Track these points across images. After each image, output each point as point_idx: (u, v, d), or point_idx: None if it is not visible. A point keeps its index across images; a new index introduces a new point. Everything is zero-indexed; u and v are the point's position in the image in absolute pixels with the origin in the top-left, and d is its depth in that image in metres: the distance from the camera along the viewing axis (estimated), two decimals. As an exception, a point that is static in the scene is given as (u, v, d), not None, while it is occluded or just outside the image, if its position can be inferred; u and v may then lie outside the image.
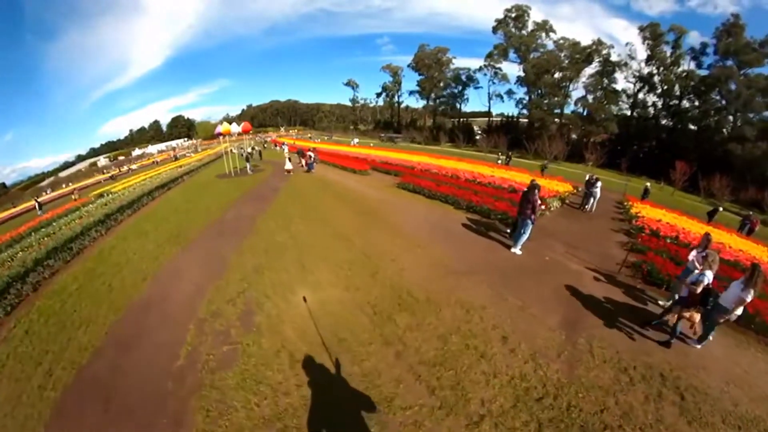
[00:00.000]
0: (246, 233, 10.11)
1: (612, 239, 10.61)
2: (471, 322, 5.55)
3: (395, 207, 13.02)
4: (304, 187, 17.34)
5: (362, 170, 21.11)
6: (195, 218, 12.48)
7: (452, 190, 14.31)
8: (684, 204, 27.85)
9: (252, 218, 11.69)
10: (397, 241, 9.27)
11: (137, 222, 13.55)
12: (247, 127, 25.27)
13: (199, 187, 20.39)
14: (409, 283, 6.91)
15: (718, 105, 49.25)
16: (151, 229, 11.83)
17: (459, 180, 17.79)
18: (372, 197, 14.61)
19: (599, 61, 49.41)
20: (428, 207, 13.30)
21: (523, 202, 8.02)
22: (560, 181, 18.00)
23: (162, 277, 7.88)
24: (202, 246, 9.53)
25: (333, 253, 8.42)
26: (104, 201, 18.78)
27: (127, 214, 15.63)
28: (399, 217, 11.61)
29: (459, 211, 12.73)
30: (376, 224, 10.77)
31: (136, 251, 9.80)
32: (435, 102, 68.02)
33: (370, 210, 12.47)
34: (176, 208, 14.74)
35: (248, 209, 13.06)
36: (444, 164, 21.52)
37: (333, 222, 10.95)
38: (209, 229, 11.07)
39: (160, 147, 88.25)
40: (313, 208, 12.81)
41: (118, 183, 30.16)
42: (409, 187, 15.89)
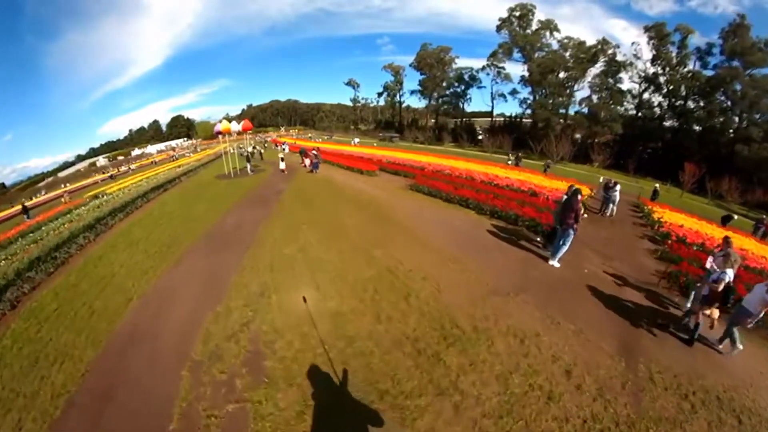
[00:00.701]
0: (248, 244, 8.83)
1: (639, 246, 10.02)
2: (529, 355, 4.71)
3: (412, 212, 11.80)
4: (309, 188, 16.08)
5: (370, 171, 19.86)
6: (191, 225, 11.20)
7: (472, 194, 13.11)
8: (693, 206, 26.94)
9: (254, 225, 10.42)
10: (424, 253, 8.05)
11: (129, 227, 12.28)
12: (247, 126, 23.94)
13: (197, 188, 19.09)
14: (449, 309, 5.75)
15: (724, 106, 48.32)
16: (143, 237, 10.57)
17: (475, 182, 16.62)
18: (385, 200, 13.38)
19: (605, 61, 48.25)
20: (448, 212, 12.11)
21: (565, 210, 7.11)
22: (580, 186, 16.81)
23: (150, 299, 6.63)
24: (198, 260, 8.25)
25: (352, 270, 7.17)
26: (97, 203, 17.61)
27: (119, 218, 14.41)
28: (419, 223, 10.40)
29: (482, 216, 11.60)
30: (395, 232, 9.56)
31: (124, 263, 8.57)
32: (437, 101, 66.73)
33: (386, 215, 11.25)
34: (171, 213, 13.46)
35: (250, 215, 11.79)
36: (456, 165, 20.33)
37: (347, 230, 9.71)
38: (206, 238, 9.78)
39: (160, 147, 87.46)
40: (322, 213, 11.56)
41: (114, 184, 28.82)
42: (424, 189, 14.66)
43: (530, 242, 9.05)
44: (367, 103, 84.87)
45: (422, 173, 18.70)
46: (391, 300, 6.06)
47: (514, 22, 51.23)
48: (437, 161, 21.71)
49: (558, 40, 50.64)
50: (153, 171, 32.86)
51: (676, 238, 10.24)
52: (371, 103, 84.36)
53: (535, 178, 17.87)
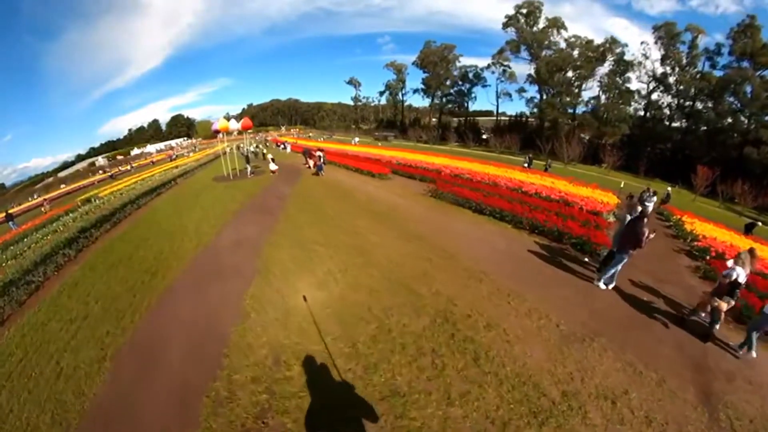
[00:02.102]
0: (249, 277, 6.94)
1: (679, 263, 8.99)
2: (624, 420, 3.83)
3: (443, 226, 10.00)
4: (316, 194, 14.20)
5: (382, 174, 17.98)
6: (180, 243, 9.32)
7: (505, 204, 11.33)
8: (708, 211, 25.45)
9: (256, 245, 8.55)
10: (475, 286, 6.32)
11: (112, 243, 10.42)
12: (247, 124, 21.72)
13: (193, 193, 17.16)
14: (529, 369, 4.33)
15: (733, 107, 46.81)
16: (125, 257, 8.75)
17: (500, 188, 14.81)
18: (407, 210, 11.55)
19: (613, 60, 46.39)
20: (481, 226, 10.34)
21: (628, 233, 6.17)
22: (594, 189, 15.03)
23: (126, 361, 4.88)
24: (186, 300, 6.39)
25: (397, 320, 5.35)
26: (85, 209, 15.82)
27: (105, 229, 12.57)
28: (456, 242, 8.62)
29: (520, 231, 9.90)
30: (432, 255, 7.75)
31: (100, 297, 6.83)
32: (441, 100, 64.67)
33: (414, 231, 9.42)
34: (160, 224, 11.59)
35: (250, 229, 9.92)
36: (474, 168, 18.43)
37: (373, 254, 7.85)
38: (196, 263, 7.90)
39: (159, 146, 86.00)
40: (337, 227, 9.70)
41: (108, 187, 26.83)
42: (449, 197, 12.83)
43: (579, 263, 7.68)
44: (368, 102, 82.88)
45: (440, 177, 16.85)
46: (458, 365, 4.35)
47: (520, 19, 49.26)
48: (452, 163, 19.80)
49: (565, 39, 48.79)
50: (149, 172, 30.87)
51: (715, 254, 9.02)
52: (373, 102, 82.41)
53: (560, 183, 16.06)
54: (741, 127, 46.05)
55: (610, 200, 13.28)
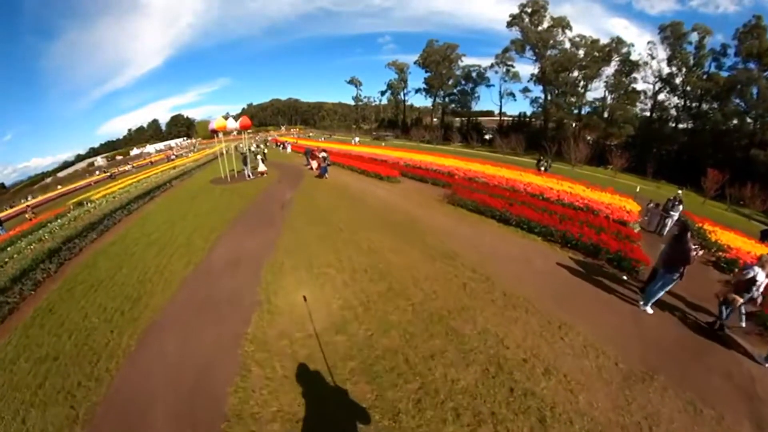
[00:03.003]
0: (247, 309, 5.68)
1: (710, 276, 8.15)
2: None
3: (471, 240, 8.77)
4: (322, 200, 12.93)
5: (391, 177, 16.73)
6: (169, 260, 8.06)
7: (532, 213, 10.14)
8: (717, 214, 24.31)
9: (255, 265, 7.30)
10: (523, 319, 5.27)
11: (95, 257, 9.20)
12: (246, 123, 20.22)
13: (188, 197, 15.86)
14: (601, 426, 3.65)
15: (740, 109, 45.91)
16: (106, 278, 7.52)
17: (520, 194, 13.66)
18: (427, 221, 10.29)
19: (619, 60, 45.19)
20: (509, 238, 9.17)
21: (675, 250, 5.69)
22: (611, 194, 13.88)
23: (101, 426, 3.72)
24: (170, 340, 5.16)
25: (442, 372, 4.16)
26: (74, 215, 14.55)
27: (91, 240, 11.38)
28: (489, 261, 7.41)
29: (552, 245, 8.76)
30: (468, 279, 6.55)
31: (74, 331, 5.61)
32: (444, 100, 63.24)
33: (441, 247, 8.18)
34: (149, 235, 10.31)
35: (248, 243, 8.68)
36: (487, 171, 17.22)
37: (399, 278, 6.61)
38: (185, 289, 6.66)
39: (159, 146, 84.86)
40: (349, 241, 8.47)
41: (101, 189, 25.51)
42: (468, 204, 11.61)
43: (617, 282, 6.92)
44: (369, 101, 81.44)
45: (454, 181, 15.63)
46: None
47: (525, 18, 47.95)
48: (464, 165, 18.57)
49: (569, 39, 47.54)
50: (145, 173, 29.55)
51: (744, 264, 7.95)
52: (374, 101, 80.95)
53: (579, 188, 14.90)
54: (747, 128, 45.17)
55: (632, 207, 12.13)
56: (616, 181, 31.97)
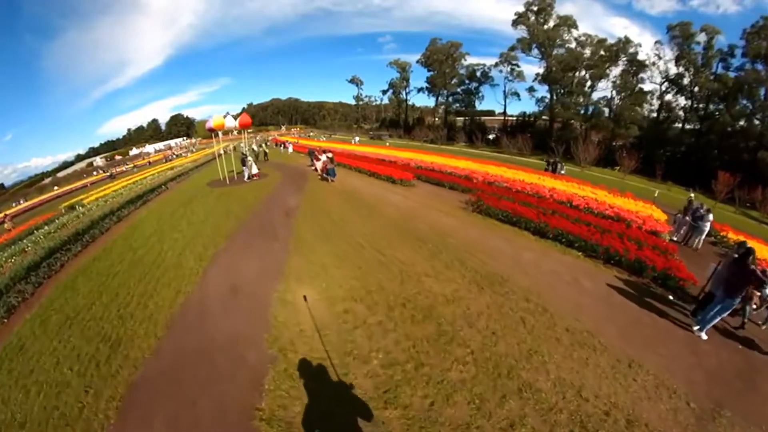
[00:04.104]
0: (255, 369, 4.28)
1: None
2: None
3: (514, 258, 7.56)
4: (333, 208, 11.50)
5: (405, 180, 15.35)
6: (154, 288, 6.63)
7: (570, 226, 8.95)
8: (726, 218, 23.02)
9: (260, 296, 5.92)
10: (597, 361, 4.56)
11: (75, 279, 7.79)
12: (246, 120, 18.61)
13: (182, 202, 14.37)
14: None
15: (747, 110, 44.85)
16: (84, 308, 6.20)
17: (546, 201, 12.39)
18: (458, 234, 8.89)
19: (627, 60, 43.86)
20: (550, 255, 7.98)
21: (735, 273, 5.22)
22: (634, 200, 12.77)
23: None
24: (155, 418, 3.77)
25: None
26: (62, 222, 13.35)
27: (75, 252, 10.05)
28: (542, 285, 6.28)
29: (595, 262, 7.74)
30: (525, 312, 5.38)
31: (42, 385, 4.38)
32: (447, 99, 61.73)
33: (483, 269, 6.88)
34: (135, 252, 8.85)
35: (250, 266, 7.25)
36: (506, 174, 15.88)
37: (447, 316, 5.29)
38: (173, 333, 5.23)
39: (159, 146, 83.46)
40: (374, 261, 7.10)
41: (93, 192, 24.02)
42: (499, 214, 10.28)
43: (665, 303, 6.28)
44: (370, 101, 79.86)
45: (473, 185, 14.32)
46: None
47: (531, 17, 46.56)
48: (480, 168, 17.23)
49: (575, 38, 46.19)
50: (140, 175, 28.06)
51: None
52: (375, 101, 79.38)
53: (601, 193, 13.64)
54: (755, 130, 44.08)
55: (659, 216, 11.13)
56: (626, 183, 30.79)
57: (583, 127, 44.06)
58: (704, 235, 10.43)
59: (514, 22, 47.78)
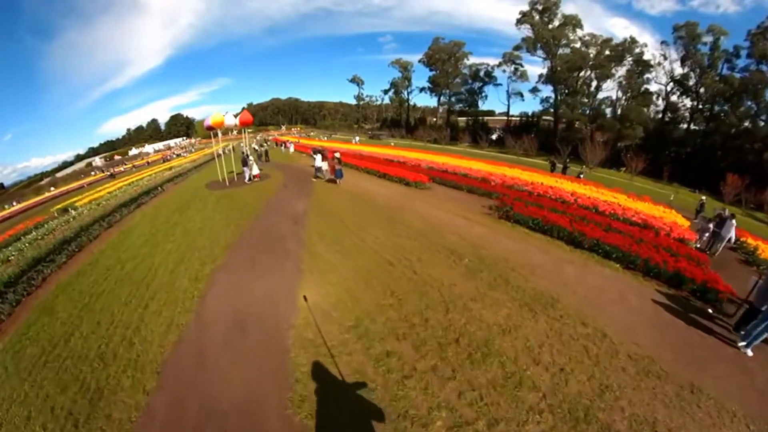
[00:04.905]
0: None
1: None
2: None
3: (558, 273, 6.58)
4: (346, 214, 10.32)
5: (420, 182, 14.22)
6: (142, 315, 5.47)
7: (604, 234, 8.12)
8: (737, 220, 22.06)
9: (274, 333, 4.77)
10: (662, 390, 4.08)
11: (54, 299, 6.66)
12: (246, 118, 17.14)
13: (178, 206, 13.19)
14: None
15: (752, 111, 44.00)
16: (60, 341, 5.14)
17: (571, 206, 11.45)
18: (491, 246, 7.79)
19: (632, 61, 42.89)
20: (590, 268, 7.15)
21: None
22: (667, 209, 11.82)
23: None
24: None
25: None
26: (50, 228, 12.16)
27: (60, 262, 8.91)
28: (591, 305, 5.57)
29: (634, 274, 7.03)
30: (586, 339, 4.63)
31: None
32: (449, 99, 60.58)
33: (528, 287, 5.88)
34: (123, 266, 7.65)
35: (257, 286, 6.10)
36: (523, 176, 14.81)
37: (505, 347, 4.38)
38: (166, 388, 4.03)
39: (158, 146, 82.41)
40: (408, 280, 5.99)
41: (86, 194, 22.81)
42: (529, 222, 9.25)
43: (707, 317, 5.87)
44: (371, 100, 78.61)
45: (493, 188, 13.25)
46: None
47: (535, 16, 45.52)
48: (496, 170, 16.16)
49: (580, 37, 45.20)
50: (137, 175, 26.84)
51: None
52: (376, 100, 78.16)
53: (621, 197, 12.67)
54: (760, 131, 43.28)
55: (682, 222, 10.45)
56: (635, 185, 29.87)
57: (588, 128, 43.05)
58: (726, 241, 10.05)
59: (518, 21, 46.83)
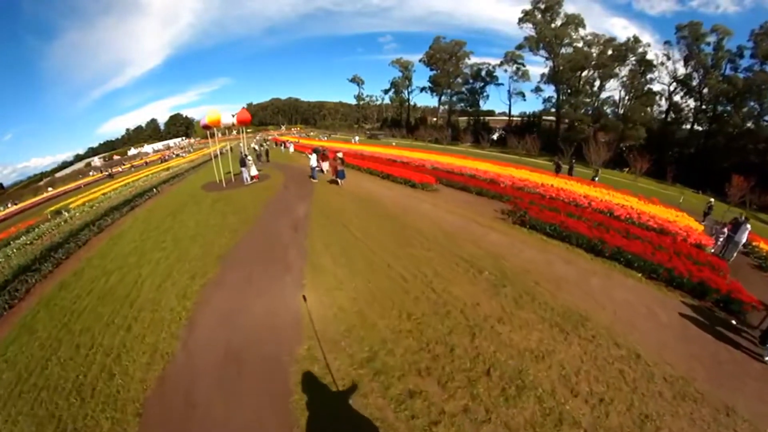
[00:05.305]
0: None
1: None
2: None
3: (577, 284, 6.10)
4: (351, 218, 9.63)
5: (427, 184, 13.54)
6: (122, 341, 4.80)
7: (625, 242, 7.55)
8: None
9: (275, 363, 4.14)
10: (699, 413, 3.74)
11: (33, 318, 5.99)
12: (244, 117, 16.17)
13: (172, 210, 12.48)
14: None
15: (755, 112, 43.50)
16: (38, 364, 4.64)
17: (585, 210, 10.80)
18: (511, 256, 7.15)
19: (636, 60, 42.21)
20: (612, 278, 6.69)
21: None
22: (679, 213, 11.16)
23: None
24: None
25: None
26: (40, 232, 11.58)
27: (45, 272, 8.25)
28: (620, 321, 5.14)
29: (657, 285, 6.56)
30: (622, 364, 4.16)
31: None
32: (451, 99, 59.83)
33: (556, 304, 5.32)
34: (107, 279, 6.97)
35: (253, 307, 5.40)
36: (532, 178, 14.13)
37: (539, 377, 3.88)
38: (150, 428, 3.39)
39: (158, 146, 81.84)
40: (425, 300, 5.32)
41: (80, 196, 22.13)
42: (547, 228, 8.64)
43: (732, 330, 5.47)
44: (371, 100, 77.80)
45: (504, 191, 12.59)
46: None
47: (537, 15, 44.81)
48: (503, 171, 15.46)
49: (582, 37, 44.52)
50: (133, 176, 26.15)
51: None
52: (376, 100, 77.33)
53: (632, 200, 11.98)
54: (764, 132, 42.75)
55: (696, 226, 9.82)
56: (639, 186, 29.28)
57: (590, 128, 42.38)
58: (737, 247, 9.61)
59: (520, 20, 46.11)
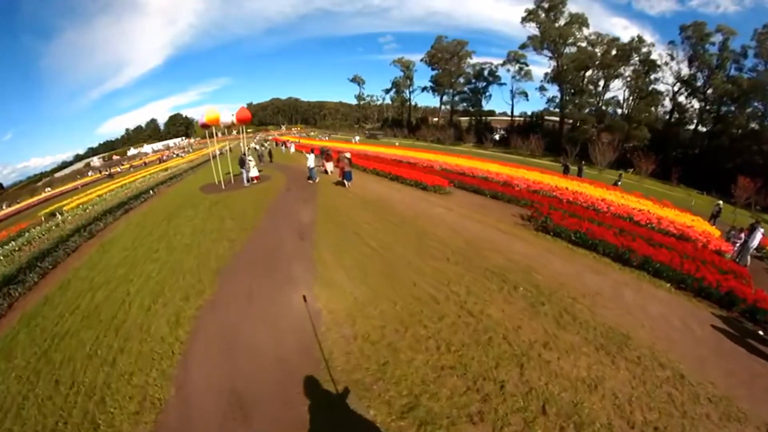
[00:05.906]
0: None
1: None
2: None
3: (612, 299, 5.53)
4: (361, 225, 8.82)
5: (439, 187, 12.80)
6: (105, 381, 3.95)
7: (652, 250, 7.01)
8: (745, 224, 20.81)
9: (286, 413, 3.32)
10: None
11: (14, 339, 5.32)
12: (244, 115, 15.18)
13: (167, 215, 11.69)
14: None
15: (759, 112, 42.94)
16: (14, 403, 3.81)
17: (605, 215, 10.14)
18: (542, 268, 6.40)
19: (640, 60, 41.57)
20: (642, 289, 6.13)
21: None
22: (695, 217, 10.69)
23: None
24: None
25: None
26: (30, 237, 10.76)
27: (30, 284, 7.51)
28: (664, 339, 4.67)
29: (687, 295, 6.12)
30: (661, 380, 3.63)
31: None
32: (453, 99, 59.12)
33: (596, 322, 4.73)
34: (93, 296, 6.13)
35: (258, 337, 4.52)
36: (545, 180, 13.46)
37: (597, 410, 3.26)
38: None
39: (157, 146, 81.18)
40: (464, 326, 4.55)
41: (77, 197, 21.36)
42: (570, 234, 8.00)
43: (760, 341, 4.97)
44: (372, 100, 77.06)
45: (520, 195, 11.90)
46: None
47: (541, 14, 44.13)
48: (515, 173, 14.77)
49: (586, 36, 43.88)
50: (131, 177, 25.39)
51: None
52: (377, 100, 76.64)
53: (648, 205, 11.36)
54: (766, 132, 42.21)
55: (712, 230, 9.45)
56: (645, 187, 28.68)
57: (594, 128, 41.76)
58: (749, 251, 9.42)
59: (523, 19, 45.51)
